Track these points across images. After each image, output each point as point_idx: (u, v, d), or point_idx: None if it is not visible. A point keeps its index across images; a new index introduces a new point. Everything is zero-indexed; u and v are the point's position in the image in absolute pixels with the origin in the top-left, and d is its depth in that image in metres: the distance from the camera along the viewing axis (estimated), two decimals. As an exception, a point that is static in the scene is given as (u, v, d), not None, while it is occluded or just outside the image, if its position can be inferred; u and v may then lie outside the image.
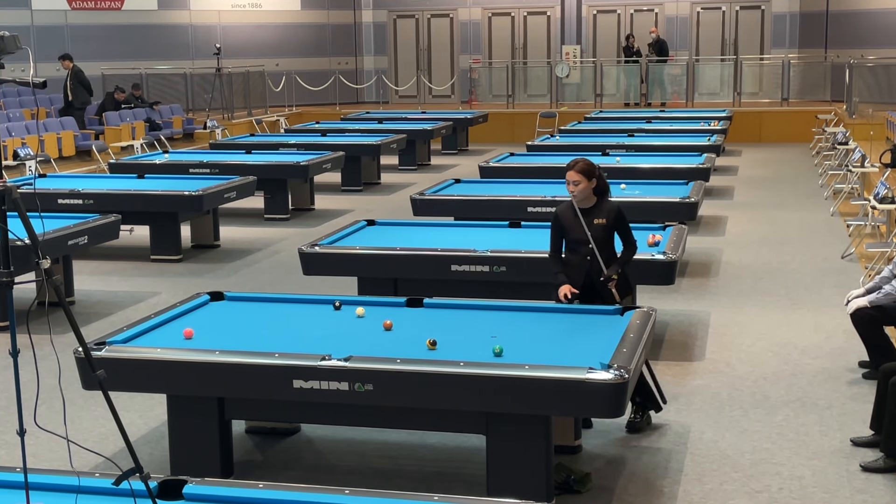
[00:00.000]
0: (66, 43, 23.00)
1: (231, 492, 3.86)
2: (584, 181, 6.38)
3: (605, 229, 6.39)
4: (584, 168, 6.39)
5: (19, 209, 3.62)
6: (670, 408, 6.52)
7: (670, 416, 6.46)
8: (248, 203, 13.59)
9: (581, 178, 6.37)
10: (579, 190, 6.39)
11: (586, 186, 6.39)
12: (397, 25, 28.37)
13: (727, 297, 9.51)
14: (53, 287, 3.62)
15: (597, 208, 6.44)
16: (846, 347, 7.77)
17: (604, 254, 6.38)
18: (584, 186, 6.38)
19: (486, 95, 26.19)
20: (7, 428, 6.45)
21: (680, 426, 6.35)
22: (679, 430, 6.29)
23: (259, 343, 5.48)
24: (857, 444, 5.97)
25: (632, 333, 5.43)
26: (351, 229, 8.89)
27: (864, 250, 10.86)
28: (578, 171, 6.37)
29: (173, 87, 23.74)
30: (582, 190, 6.39)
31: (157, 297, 9.73)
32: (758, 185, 16.47)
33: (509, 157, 14.07)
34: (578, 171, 6.37)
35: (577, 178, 6.37)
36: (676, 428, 6.32)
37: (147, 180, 12.62)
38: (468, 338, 5.60)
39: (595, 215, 6.42)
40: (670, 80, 25.26)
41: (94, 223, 9.48)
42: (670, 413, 6.46)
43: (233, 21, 26.12)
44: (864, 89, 21.63)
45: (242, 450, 6.03)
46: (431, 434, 6.13)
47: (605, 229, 6.39)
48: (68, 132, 18.06)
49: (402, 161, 19.41)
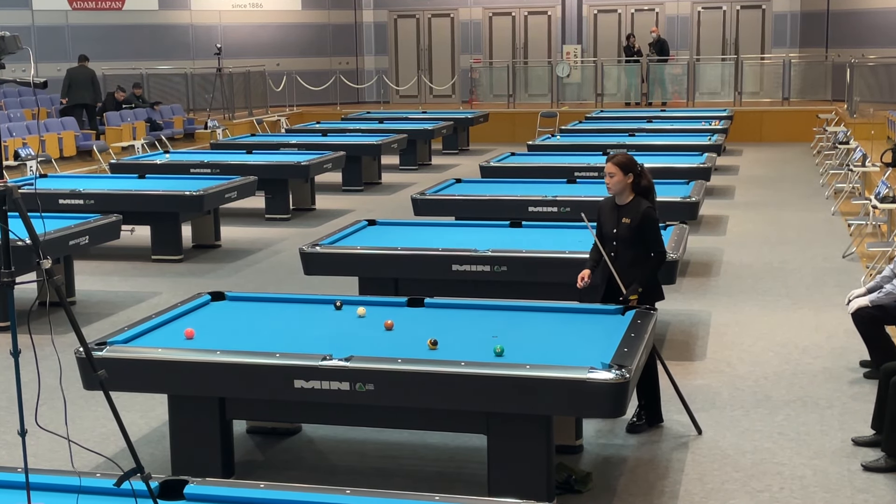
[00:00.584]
0: (66, 43, 23.02)
1: (232, 492, 3.86)
2: (619, 174, 6.27)
3: (630, 229, 6.26)
4: (620, 161, 6.30)
5: (20, 209, 3.62)
6: (671, 407, 6.52)
7: (671, 415, 6.46)
8: (248, 203, 13.59)
9: (616, 170, 6.27)
10: (614, 183, 6.29)
11: (621, 180, 6.28)
12: (398, 25, 28.37)
13: (728, 296, 9.51)
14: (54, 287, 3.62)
15: (630, 206, 6.32)
16: (847, 347, 7.77)
17: (627, 254, 6.26)
18: (618, 179, 6.27)
19: (487, 95, 26.19)
20: (8, 428, 6.45)
21: (681, 426, 6.34)
22: (680, 430, 6.29)
23: (260, 343, 5.48)
24: (858, 444, 5.97)
25: (633, 333, 5.43)
26: (352, 229, 8.89)
27: (865, 250, 10.86)
28: (615, 163, 6.29)
29: (174, 87, 23.75)
30: (616, 183, 6.29)
31: (157, 297, 9.73)
32: (759, 184, 16.47)
33: (510, 157, 14.07)
34: (615, 164, 6.29)
35: (613, 170, 6.28)
36: (677, 427, 6.32)
37: (148, 180, 12.62)
38: (469, 338, 5.60)
39: (626, 213, 6.31)
40: (671, 79, 25.25)
41: (95, 223, 9.48)
42: (671, 413, 6.46)
43: (233, 21, 26.12)
44: (865, 89, 21.63)
45: (243, 450, 6.03)
46: (432, 434, 6.13)
47: (629, 229, 6.26)
48: (69, 132, 18.07)
49: (402, 161, 19.41)
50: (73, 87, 19.59)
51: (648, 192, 6.41)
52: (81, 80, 19.56)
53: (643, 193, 6.38)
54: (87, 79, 19.65)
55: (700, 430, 6.25)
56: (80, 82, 19.56)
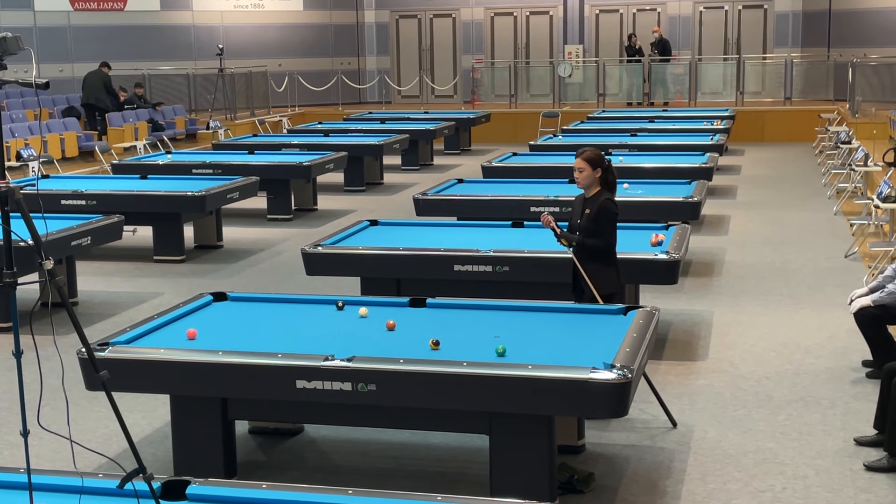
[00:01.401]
0: (68, 44, 23.03)
1: (234, 492, 3.86)
2: (588, 169, 6.46)
3: (588, 220, 6.47)
4: (589, 156, 6.49)
5: (22, 210, 3.62)
6: (673, 407, 6.52)
7: (673, 415, 6.45)
8: (250, 203, 13.59)
9: (585, 165, 6.47)
10: (583, 177, 6.49)
11: (590, 174, 6.47)
12: (399, 25, 28.36)
13: (730, 296, 9.50)
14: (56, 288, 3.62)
15: (593, 198, 6.52)
16: (849, 347, 7.76)
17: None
18: (587, 174, 6.47)
19: (489, 95, 26.18)
20: (10, 429, 6.45)
21: (683, 426, 6.34)
22: (682, 430, 6.28)
23: (262, 343, 5.49)
24: (860, 444, 5.97)
25: (635, 333, 5.43)
26: (354, 229, 8.89)
27: (867, 249, 10.85)
28: (584, 158, 6.48)
29: (176, 87, 23.75)
30: (585, 178, 6.48)
31: (160, 298, 9.73)
32: (761, 184, 16.46)
33: (512, 157, 14.07)
34: (584, 159, 6.48)
35: (582, 165, 6.48)
36: (679, 427, 6.32)
37: (150, 181, 12.63)
38: (471, 338, 5.60)
39: (589, 205, 6.51)
40: (673, 79, 25.24)
41: (97, 224, 9.49)
42: (673, 413, 6.46)
43: (235, 21, 26.13)
44: (867, 88, 21.60)
45: (246, 450, 6.03)
46: (434, 434, 6.13)
47: (588, 219, 6.47)
48: (71, 133, 18.08)
49: (404, 161, 19.41)
50: (84, 88, 20.04)
51: (613, 187, 6.62)
52: (93, 83, 19.89)
53: (610, 188, 6.57)
54: (99, 81, 19.88)
55: (675, 423, 6.30)
56: (91, 84, 19.89)
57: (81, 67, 22.17)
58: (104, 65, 20.20)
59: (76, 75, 22.43)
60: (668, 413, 6.38)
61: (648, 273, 7.66)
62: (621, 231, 6.76)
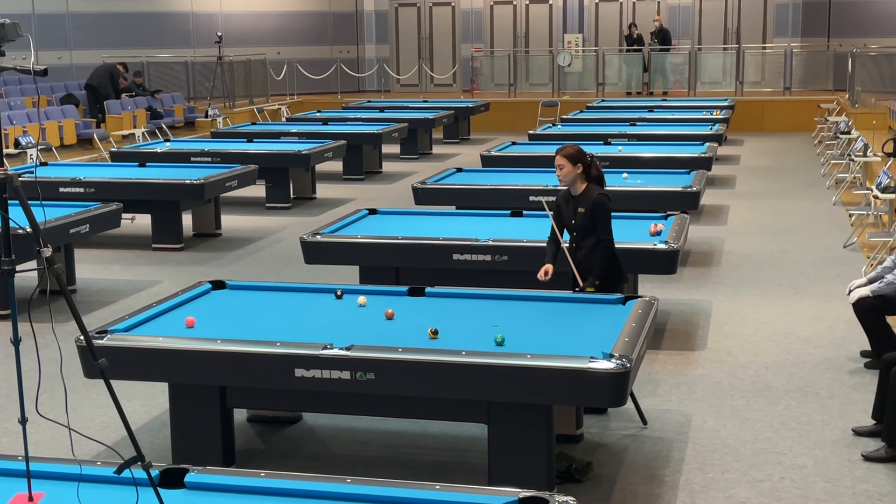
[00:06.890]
0: (67, 31, 22.97)
1: (233, 480, 3.86)
2: (568, 165, 6.44)
3: (584, 219, 6.43)
4: (568, 153, 6.47)
5: (20, 197, 3.61)
6: (672, 397, 6.52)
7: (672, 405, 6.46)
8: (249, 192, 13.58)
9: (565, 162, 6.44)
10: (564, 174, 6.47)
11: (571, 171, 6.44)
12: (399, 14, 28.31)
13: (729, 286, 9.50)
14: (55, 275, 3.61)
15: (583, 195, 6.48)
16: (848, 337, 7.77)
17: (586, 243, 6.44)
18: (568, 171, 6.44)
19: (488, 84, 26.15)
20: (9, 416, 6.45)
21: (681, 415, 6.35)
22: (680, 420, 6.29)
23: (261, 332, 5.48)
24: (858, 434, 5.97)
25: (634, 323, 5.43)
26: (352, 218, 8.88)
27: (866, 240, 10.85)
28: (564, 155, 6.46)
29: (175, 75, 23.71)
30: (566, 174, 6.46)
31: (158, 286, 9.73)
32: (760, 174, 16.45)
33: (511, 146, 14.05)
34: (563, 156, 6.46)
35: (562, 162, 6.46)
36: (678, 417, 6.33)
37: (148, 169, 12.61)
38: (470, 327, 5.59)
39: (580, 203, 6.47)
40: (672, 68, 25.22)
41: (96, 211, 9.48)
42: (672, 402, 6.46)
43: (234, 9, 26.07)
44: (867, 78, 21.58)
45: (244, 438, 6.04)
46: (433, 423, 6.13)
47: (583, 218, 6.43)
48: (69, 120, 18.05)
49: (403, 150, 19.39)
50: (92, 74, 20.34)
51: (600, 181, 6.57)
52: (101, 71, 20.36)
53: (596, 182, 6.54)
54: (107, 71, 20.29)
55: (645, 422, 6.21)
56: (100, 72, 20.33)
57: (80, 55, 22.16)
58: (121, 65, 20.74)
59: (74, 63, 22.41)
60: (639, 411, 6.25)
61: (647, 263, 7.65)
62: (620, 220, 6.76)
